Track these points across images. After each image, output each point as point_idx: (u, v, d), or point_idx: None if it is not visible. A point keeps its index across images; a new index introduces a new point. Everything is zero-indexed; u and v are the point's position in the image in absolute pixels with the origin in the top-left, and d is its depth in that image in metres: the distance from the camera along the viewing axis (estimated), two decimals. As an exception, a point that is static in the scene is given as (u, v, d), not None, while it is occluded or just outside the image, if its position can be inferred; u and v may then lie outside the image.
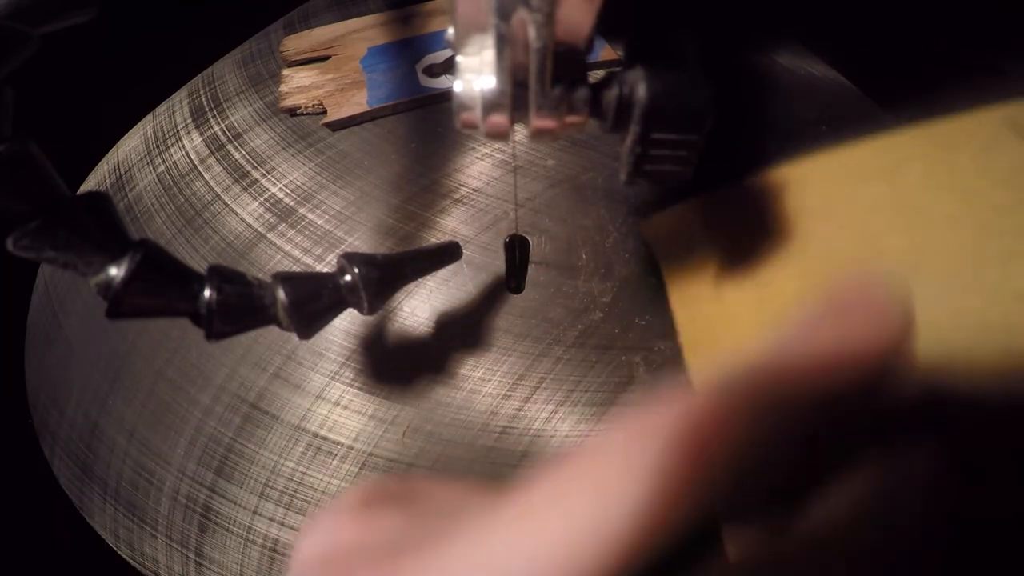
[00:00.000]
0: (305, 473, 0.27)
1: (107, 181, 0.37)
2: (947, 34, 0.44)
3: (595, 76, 0.17)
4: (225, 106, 0.36)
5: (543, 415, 0.27)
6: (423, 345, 0.28)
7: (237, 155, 0.33)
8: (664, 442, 0.10)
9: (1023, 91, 0.25)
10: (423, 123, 0.33)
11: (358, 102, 0.33)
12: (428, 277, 0.26)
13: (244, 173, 0.32)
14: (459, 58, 0.17)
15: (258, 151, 0.33)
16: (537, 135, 0.17)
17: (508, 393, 0.27)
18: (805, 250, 0.24)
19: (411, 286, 0.28)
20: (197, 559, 0.29)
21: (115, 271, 0.17)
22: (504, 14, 0.14)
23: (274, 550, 0.28)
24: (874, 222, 0.23)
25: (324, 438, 0.27)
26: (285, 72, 0.36)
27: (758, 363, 0.11)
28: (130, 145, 0.38)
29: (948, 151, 0.24)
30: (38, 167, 0.16)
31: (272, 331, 0.20)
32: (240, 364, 0.29)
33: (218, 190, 0.32)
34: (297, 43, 0.37)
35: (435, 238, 0.29)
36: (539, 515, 0.10)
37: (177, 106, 0.38)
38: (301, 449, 0.28)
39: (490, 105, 0.16)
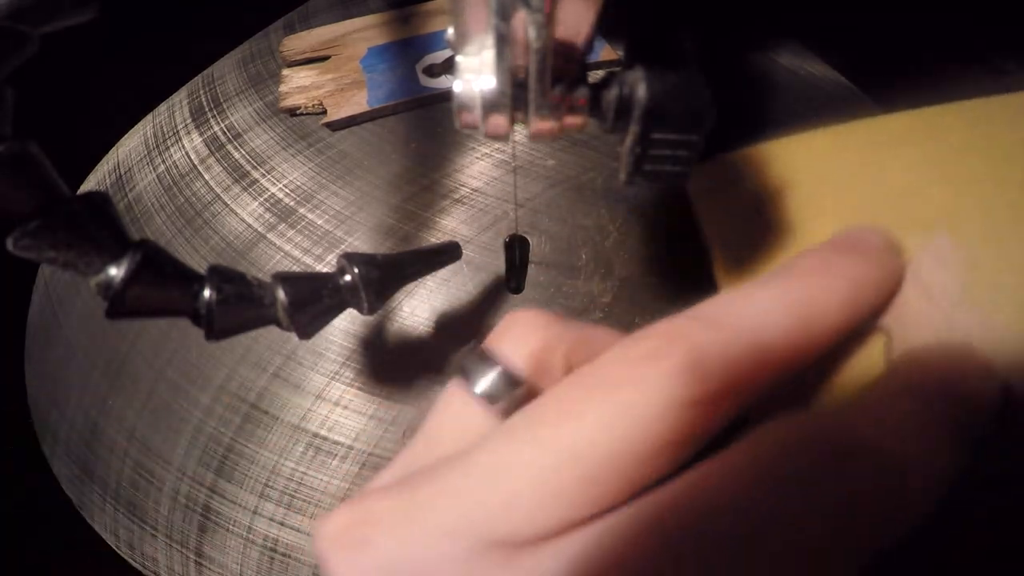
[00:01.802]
0: (305, 473, 0.27)
1: (107, 181, 0.37)
2: (947, 34, 0.44)
3: (595, 76, 0.17)
4: (225, 106, 0.36)
5: (543, 415, 0.27)
6: (423, 345, 0.28)
7: (237, 155, 0.33)
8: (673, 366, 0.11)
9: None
10: (423, 123, 0.33)
11: (358, 102, 0.33)
12: (428, 277, 0.26)
13: (244, 173, 0.32)
14: (459, 58, 0.17)
15: (258, 151, 0.33)
16: (537, 135, 0.17)
17: (508, 393, 0.27)
18: (843, 204, 0.23)
19: (411, 286, 0.28)
20: (197, 559, 0.29)
21: (115, 271, 0.17)
22: (504, 14, 0.14)
23: (274, 550, 0.28)
24: (911, 177, 0.23)
25: (324, 438, 0.27)
26: (285, 72, 0.36)
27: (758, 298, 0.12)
28: (130, 145, 0.38)
29: (986, 124, 0.24)
30: (38, 167, 0.16)
31: (272, 331, 0.20)
32: (240, 364, 0.29)
33: (218, 190, 0.32)
34: (297, 43, 0.37)
35: (435, 238, 0.29)
36: (573, 415, 0.11)
37: (177, 106, 0.38)
38: (301, 449, 0.28)
39: (490, 105, 0.16)
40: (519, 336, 0.14)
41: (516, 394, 0.13)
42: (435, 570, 0.11)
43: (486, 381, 0.13)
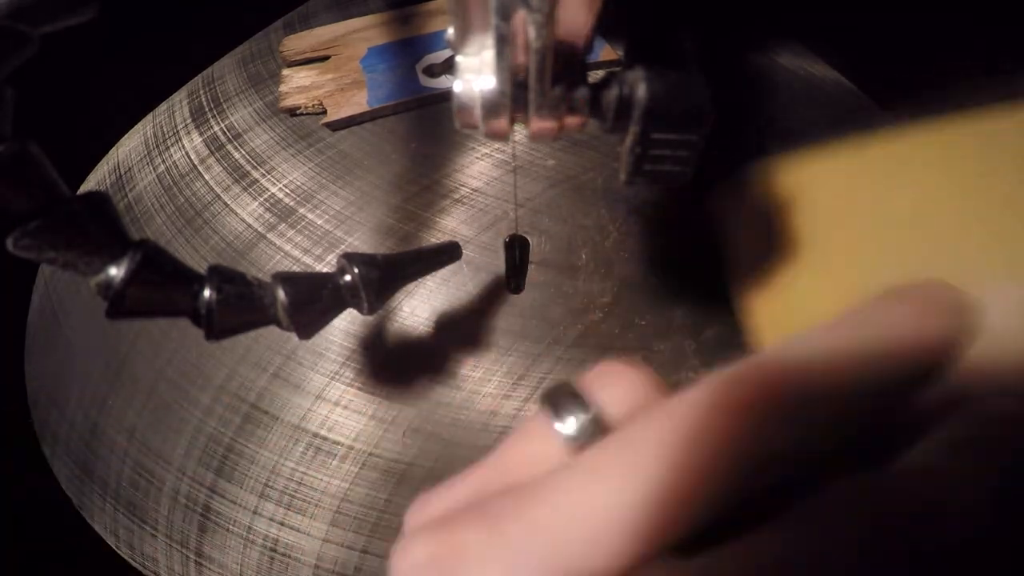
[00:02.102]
0: (305, 473, 0.27)
1: (107, 181, 0.37)
2: (947, 34, 0.44)
3: (595, 76, 0.17)
4: (225, 106, 0.36)
5: (543, 415, 0.27)
6: (423, 345, 0.28)
7: (237, 155, 0.33)
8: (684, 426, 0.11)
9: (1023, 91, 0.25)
10: (423, 123, 0.33)
11: (358, 102, 0.33)
12: (428, 277, 0.26)
13: (244, 173, 0.32)
14: (459, 58, 0.17)
15: (258, 151, 0.33)
16: (537, 135, 0.17)
17: (508, 393, 0.27)
18: (856, 220, 0.24)
19: (411, 286, 0.28)
20: (197, 559, 0.29)
21: (115, 271, 0.17)
22: (504, 14, 0.14)
23: (274, 550, 0.28)
24: (922, 203, 0.23)
25: (324, 438, 0.27)
26: (285, 72, 0.36)
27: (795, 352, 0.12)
28: (130, 145, 0.38)
29: (1001, 149, 0.23)
30: (38, 167, 0.16)
31: (272, 331, 0.20)
32: (240, 364, 0.29)
33: (218, 190, 0.32)
34: (297, 43, 0.37)
35: (435, 238, 0.29)
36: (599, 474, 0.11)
37: (177, 106, 0.38)
38: (301, 449, 0.28)
39: (490, 105, 0.16)
40: (618, 387, 0.14)
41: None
42: None
43: (575, 422, 0.13)
